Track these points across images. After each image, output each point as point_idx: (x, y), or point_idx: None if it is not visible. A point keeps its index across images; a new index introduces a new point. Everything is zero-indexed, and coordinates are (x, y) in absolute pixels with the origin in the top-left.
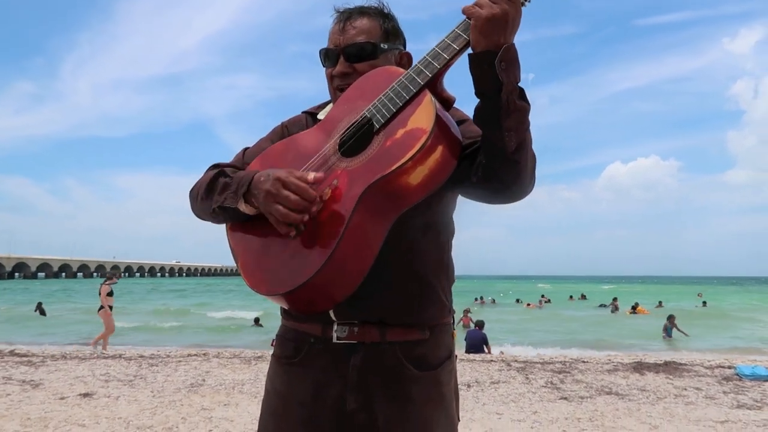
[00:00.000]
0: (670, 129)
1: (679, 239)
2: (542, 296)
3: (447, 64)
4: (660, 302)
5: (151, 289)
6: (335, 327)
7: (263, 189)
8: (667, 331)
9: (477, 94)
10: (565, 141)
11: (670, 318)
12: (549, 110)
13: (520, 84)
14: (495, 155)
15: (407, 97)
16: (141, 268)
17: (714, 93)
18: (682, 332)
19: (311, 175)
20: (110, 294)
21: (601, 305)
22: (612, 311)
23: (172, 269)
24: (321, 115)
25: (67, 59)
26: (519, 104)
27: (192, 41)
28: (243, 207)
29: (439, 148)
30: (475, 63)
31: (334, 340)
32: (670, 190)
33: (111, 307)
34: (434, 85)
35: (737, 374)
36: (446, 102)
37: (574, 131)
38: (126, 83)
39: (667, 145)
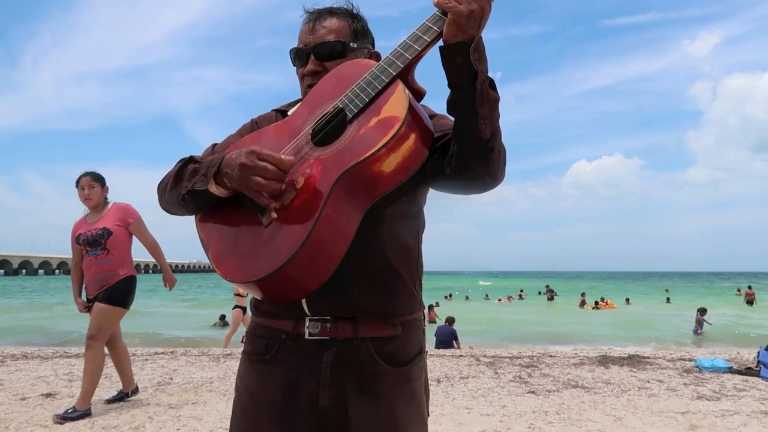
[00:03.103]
0: (633, 128)
1: (643, 236)
2: (521, 291)
3: (419, 56)
4: (627, 299)
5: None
6: (307, 323)
7: (238, 163)
8: (700, 325)
9: (450, 85)
10: (533, 138)
11: (702, 311)
12: (516, 108)
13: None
14: (470, 143)
15: (380, 87)
16: None
17: (674, 93)
18: (706, 322)
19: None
20: (240, 294)
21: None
22: (580, 305)
23: (137, 266)
24: (291, 112)
25: (27, 49)
26: (492, 94)
27: (159, 33)
28: (214, 188)
29: (412, 136)
30: (448, 55)
31: (306, 336)
32: (633, 187)
33: (244, 309)
34: (406, 76)
35: (697, 366)
36: (417, 94)
37: (541, 129)
38: (90, 75)
39: (630, 143)
